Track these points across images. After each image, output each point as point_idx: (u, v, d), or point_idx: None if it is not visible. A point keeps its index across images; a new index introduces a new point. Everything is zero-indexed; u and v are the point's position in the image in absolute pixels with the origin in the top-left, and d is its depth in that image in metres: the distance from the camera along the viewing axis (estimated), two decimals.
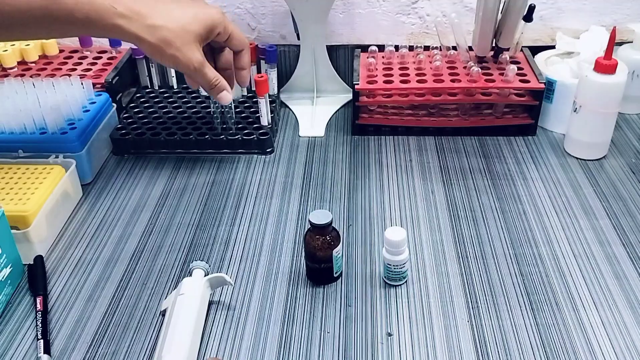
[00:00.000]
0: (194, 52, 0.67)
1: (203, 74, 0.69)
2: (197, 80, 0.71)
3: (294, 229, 0.74)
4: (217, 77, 0.71)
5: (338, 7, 1.00)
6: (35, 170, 0.76)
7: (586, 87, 0.82)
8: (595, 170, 0.83)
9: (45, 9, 0.59)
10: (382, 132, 0.93)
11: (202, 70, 0.69)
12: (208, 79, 0.70)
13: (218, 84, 0.72)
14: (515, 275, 0.66)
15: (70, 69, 0.98)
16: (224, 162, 0.88)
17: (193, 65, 0.68)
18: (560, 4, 0.99)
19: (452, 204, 0.78)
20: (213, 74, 0.71)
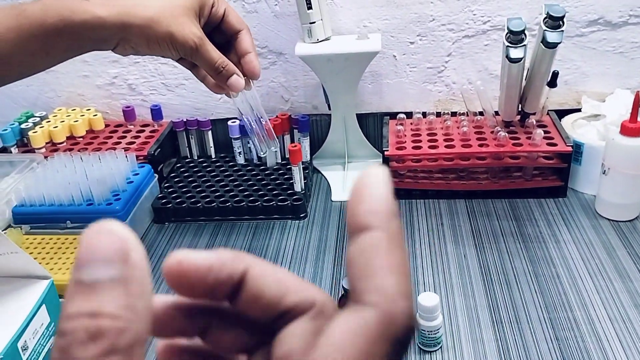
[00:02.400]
0: (190, 26, 0.59)
1: (205, 51, 0.61)
2: (200, 61, 0.62)
3: (329, 292, 0.76)
4: (222, 57, 0.62)
5: (367, 78, 1.05)
6: None
7: (613, 150, 0.83)
8: (627, 232, 0.83)
9: (16, 29, 0.55)
10: (413, 196, 0.95)
11: (203, 46, 0.60)
12: (212, 58, 0.61)
13: (226, 66, 0.63)
14: (551, 340, 0.66)
15: (115, 142, 1.04)
16: (259, 227, 0.91)
17: (193, 40, 0.59)
18: (584, 68, 1.02)
19: (484, 267, 0.78)
20: (217, 54, 0.62)
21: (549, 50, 0.84)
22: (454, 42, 1.02)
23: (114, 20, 0.57)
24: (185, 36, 0.59)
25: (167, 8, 0.58)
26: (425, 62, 1.04)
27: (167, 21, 0.58)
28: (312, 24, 0.93)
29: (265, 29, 1.03)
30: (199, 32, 0.60)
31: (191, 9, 0.60)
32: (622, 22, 0.98)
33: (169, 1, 0.59)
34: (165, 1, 0.59)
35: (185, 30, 0.59)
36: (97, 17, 0.56)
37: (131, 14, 0.57)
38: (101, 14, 0.56)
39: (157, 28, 0.57)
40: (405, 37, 1.02)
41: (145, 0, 0.58)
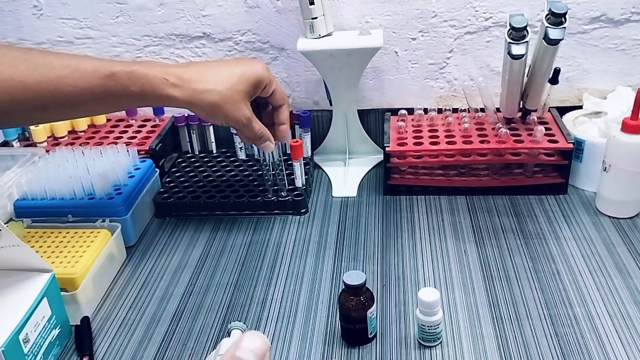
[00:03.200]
0: (243, 109, 0.72)
1: (251, 128, 0.75)
2: (245, 133, 0.76)
3: (329, 288, 0.76)
4: (262, 128, 0.77)
5: (368, 74, 1.05)
6: (83, 234, 0.80)
7: (614, 147, 0.83)
8: (628, 229, 0.83)
9: (102, 87, 0.65)
10: (414, 192, 0.95)
11: (249, 125, 0.74)
12: (255, 132, 0.76)
13: (263, 135, 0.77)
14: (551, 336, 0.66)
15: (117, 136, 1.04)
16: (260, 222, 0.91)
17: (242, 121, 0.73)
18: (586, 65, 1.02)
19: (485, 263, 0.78)
20: (259, 127, 0.76)
21: (551, 47, 0.84)
22: (455, 39, 1.02)
23: (184, 101, 0.69)
24: (237, 119, 0.73)
25: (229, 94, 0.70)
26: (427, 58, 1.04)
27: (226, 107, 0.71)
28: (314, 20, 0.93)
29: (267, 25, 1.03)
30: (249, 113, 0.73)
31: (247, 93, 0.72)
32: (624, 20, 0.98)
33: (232, 85, 0.71)
34: (230, 83, 0.71)
35: (238, 113, 0.72)
36: (171, 97, 0.68)
37: (199, 99, 0.69)
38: (175, 94, 0.68)
39: (217, 112, 0.71)
40: (407, 33, 1.02)
41: (212, 85, 0.70)
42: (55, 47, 1.09)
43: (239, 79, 0.72)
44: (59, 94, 0.64)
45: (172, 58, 1.08)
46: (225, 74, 0.71)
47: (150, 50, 1.08)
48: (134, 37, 1.07)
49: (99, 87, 0.65)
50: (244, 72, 0.72)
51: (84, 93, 0.65)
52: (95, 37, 1.07)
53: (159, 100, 0.68)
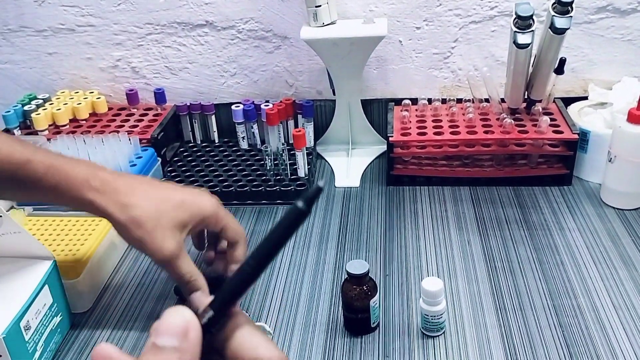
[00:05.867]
0: (167, 239, 0.59)
1: (173, 267, 0.60)
2: (169, 272, 0.61)
3: (331, 278, 0.76)
4: (191, 272, 0.61)
5: (372, 64, 1.04)
6: (85, 222, 0.80)
7: (620, 137, 0.83)
8: (633, 220, 0.83)
9: (12, 173, 0.58)
10: (417, 183, 0.95)
11: (172, 262, 0.59)
12: (179, 273, 0.60)
13: (191, 281, 0.61)
14: (555, 326, 0.66)
15: (119, 125, 1.03)
16: (262, 212, 0.90)
17: (162, 253, 0.59)
18: (591, 56, 1.01)
19: (488, 254, 0.78)
20: (187, 268, 0.60)
21: (557, 37, 0.83)
22: (460, 28, 1.01)
23: (100, 209, 0.59)
24: (156, 248, 0.58)
25: (154, 216, 0.59)
26: (431, 47, 1.03)
27: (146, 228, 0.58)
28: (317, 8, 0.92)
29: (270, 12, 1.02)
30: (174, 247, 0.59)
31: (181, 223, 0.60)
32: (631, 9, 0.97)
33: (162, 208, 0.59)
34: (160, 205, 0.60)
35: (158, 241, 0.58)
36: (87, 201, 0.59)
37: (118, 212, 0.59)
38: (92, 198, 0.59)
39: (133, 231, 0.58)
40: (412, 22, 1.01)
41: (138, 200, 0.59)
42: (57, 34, 1.08)
43: (174, 205, 0.60)
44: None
45: (174, 46, 1.07)
46: (159, 194, 0.61)
47: (152, 39, 1.07)
48: (135, 25, 1.06)
49: (7, 173, 0.58)
50: (184, 200, 0.61)
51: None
52: (97, 24, 1.07)
53: (73, 202, 0.59)
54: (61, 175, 0.59)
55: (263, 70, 1.07)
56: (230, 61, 1.08)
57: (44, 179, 0.58)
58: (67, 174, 0.59)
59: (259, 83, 1.09)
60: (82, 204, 0.59)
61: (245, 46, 1.06)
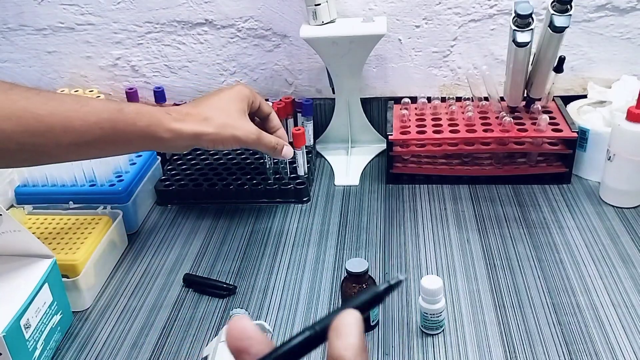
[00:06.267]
0: (247, 124, 0.74)
1: (265, 141, 0.76)
2: (261, 148, 0.77)
3: (331, 276, 0.76)
4: (276, 139, 0.78)
5: (371, 62, 1.04)
6: (85, 221, 0.80)
7: (619, 136, 0.83)
8: (632, 218, 0.83)
9: (111, 122, 0.65)
10: (416, 181, 0.95)
11: (262, 138, 0.75)
12: (270, 143, 0.77)
13: (279, 142, 0.79)
14: (554, 324, 0.66)
15: None
16: (262, 211, 0.91)
17: (254, 135, 0.74)
18: (591, 54, 1.01)
19: (487, 252, 0.78)
20: (272, 138, 0.78)
21: (556, 35, 0.83)
22: (460, 26, 1.01)
23: (189, 131, 0.69)
24: (247, 134, 0.73)
25: (229, 114, 0.73)
26: (431, 46, 1.03)
27: (232, 125, 0.72)
28: (317, 6, 0.92)
29: (270, 11, 1.02)
30: (255, 129, 0.75)
31: (244, 111, 0.75)
32: (630, 8, 0.97)
33: (228, 107, 0.73)
34: (225, 106, 0.73)
35: (245, 128, 0.73)
36: (177, 129, 0.68)
37: (205, 129, 0.70)
38: (181, 127, 0.68)
39: (224, 134, 0.71)
40: (411, 20, 1.01)
41: (211, 113, 0.71)
42: (56, 33, 1.08)
43: (231, 100, 0.74)
44: (70, 127, 0.63)
45: (174, 45, 1.07)
46: (217, 101, 0.73)
47: (151, 37, 1.07)
48: (135, 23, 1.06)
49: (107, 122, 0.64)
50: (232, 94, 0.75)
51: (93, 128, 0.64)
52: (96, 23, 1.07)
53: (166, 133, 0.68)
54: (149, 114, 0.67)
55: (262, 68, 1.08)
56: (230, 60, 1.08)
57: (137, 121, 0.66)
58: (152, 112, 0.67)
59: (258, 82, 1.09)
60: (173, 135, 0.68)
61: (245, 45, 1.06)
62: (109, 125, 0.65)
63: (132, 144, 0.68)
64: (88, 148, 0.65)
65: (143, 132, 0.66)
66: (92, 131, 0.64)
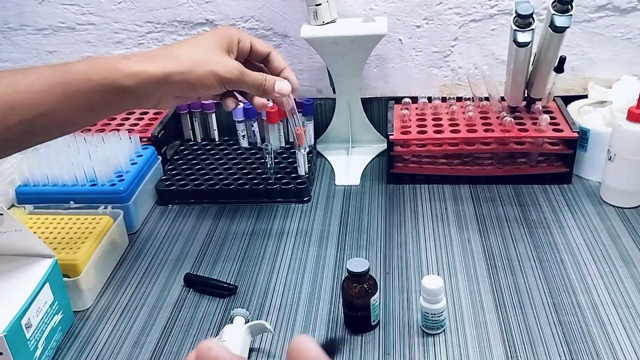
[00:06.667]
0: (228, 60, 0.65)
1: (248, 76, 0.66)
2: (246, 87, 0.67)
3: (332, 276, 0.76)
4: (262, 74, 0.68)
5: (372, 62, 1.04)
6: (85, 221, 0.80)
7: (620, 136, 0.83)
8: (633, 218, 0.83)
9: (62, 84, 0.56)
10: (417, 181, 0.95)
11: (245, 73, 0.65)
12: (256, 80, 0.67)
13: (267, 77, 0.68)
14: (554, 324, 0.66)
15: (119, 123, 1.03)
16: (262, 211, 0.91)
17: (236, 69, 0.64)
18: (591, 54, 1.01)
19: (488, 252, 0.78)
20: (258, 74, 0.67)
21: (557, 35, 0.83)
22: (460, 26, 1.01)
23: (155, 71, 0.59)
24: (227, 69, 0.63)
25: (203, 51, 0.63)
26: (431, 46, 1.03)
27: (206, 62, 0.62)
28: (318, 6, 0.92)
29: (271, 11, 1.02)
30: (237, 63, 0.65)
31: (222, 47, 0.65)
32: (631, 8, 0.97)
33: (203, 46, 0.64)
34: (199, 47, 0.64)
35: (225, 64, 0.64)
36: (140, 71, 0.59)
37: (171, 63, 0.61)
38: (143, 67, 0.59)
39: (199, 69, 0.62)
40: (412, 20, 1.01)
41: (181, 50, 0.63)
42: (57, 33, 1.08)
43: (210, 38, 0.65)
44: (16, 103, 0.55)
45: None
46: (193, 40, 0.65)
47: (152, 37, 1.07)
48: (136, 23, 1.06)
49: (58, 87, 0.56)
50: (213, 32, 0.66)
51: (43, 97, 0.56)
52: (97, 23, 1.07)
53: (127, 81, 0.58)
54: (103, 64, 0.58)
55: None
56: None
57: (92, 75, 0.57)
58: (107, 61, 0.58)
59: None
60: (138, 79, 0.59)
61: None
62: (60, 89, 0.56)
63: (94, 105, 0.58)
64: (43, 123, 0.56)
65: (101, 85, 0.57)
66: (42, 101, 0.55)
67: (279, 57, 0.71)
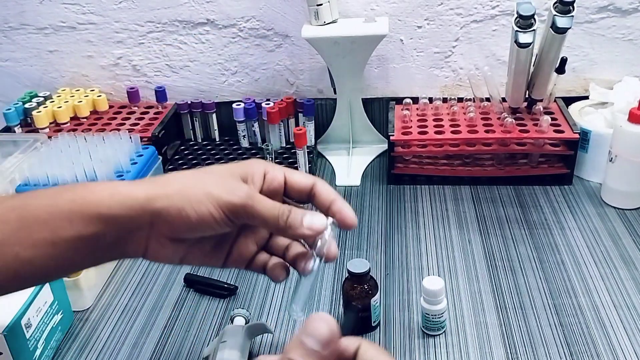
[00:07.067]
0: (233, 183, 0.48)
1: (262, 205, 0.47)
2: (255, 216, 0.47)
3: (332, 277, 0.76)
4: (281, 204, 0.48)
5: (373, 62, 1.04)
6: None
7: (621, 137, 0.83)
8: (634, 220, 0.83)
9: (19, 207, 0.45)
10: (418, 182, 0.95)
11: (256, 199, 0.47)
12: (272, 208, 0.48)
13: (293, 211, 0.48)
14: (555, 326, 0.66)
15: (119, 123, 1.03)
16: None
17: (241, 191, 0.47)
18: (592, 55, 1.01)
19: (489, 253, 0.78)
20: (274, 202, 0.48)
21: (558, 36, 0.83)
22: (461, 27, 1.01)
23: (136, 192, 0.45)
24: (228, 190, 0.47)
25: (204, 174, 0.49)
26: (433, 46, 1.03)
27: (204, 183, 0.47)
28: (319, 6, 0.92)
29: (272, 11, 1.02)
30: (245, 186, 0.48)
31: (235, 174, 0.49)
32: (632, 9, 0.97)
33: (206, 172, 0.49)
34: (202, 172, 0.49)
35: (227, 186, 0.47)
36: (117, 192, 0.45)
37: (158, 186, 0.47)
38: (121, 189, 0.46)
39: (192, 190, 0.46)
40: (413, 20, 1.01)
41: (177, 175, 0.49)
42: (58, 32, 1.08)
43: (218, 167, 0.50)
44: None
45: (175, 44, 1.07)
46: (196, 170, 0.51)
47: (153, 37, 1.07)
48: (137, 23, 1.06)
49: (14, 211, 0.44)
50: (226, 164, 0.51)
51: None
52: (98, 22, 1.07)
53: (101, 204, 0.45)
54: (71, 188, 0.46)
55: (264, 68, 1.07)
56: (232, 59, 1.08)
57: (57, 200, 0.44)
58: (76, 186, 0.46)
59: (260, 81, 1.09)
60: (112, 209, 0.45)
61: (247, 44, 1.06)
62: (16, 215, 0.44)
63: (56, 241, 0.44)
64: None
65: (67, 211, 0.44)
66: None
67: (326, 188, 0.51)
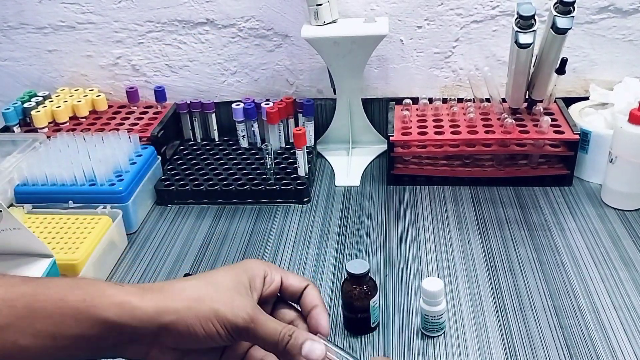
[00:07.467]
0: (239, 299, 0.47)
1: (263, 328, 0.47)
2: (256, 338, 0.47)
3: (331, 278, 0.75)
4: (285, 325, 0.48)
5: (373, 63, 1.04)
6: (84, 221, 0.80)
7: (621, 138, 0.82)
8: (634, 221, 0.83)
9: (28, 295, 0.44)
10: (417, 182, 0.94)
11: (258, 318, 0.47)
12: (270, 329, 0.47)
13: (292, 333, 0.47)
14: (555, 327, 0.66)
15: (119, 123, 1.03)
16: (262, 211, 0.90)
17: (244, 312, 0.46)
18: (593, 56, 1.01)
19: (489, 254, 0.78)
20: (277, 323, 0.48)
21: (559, 37, 0.82)
22: (461, 27, 1.01)
23: (145, 306, 0.45)
24: (234, 310, 0.46)
25: (212, 287, 0.48)
26: (433, 47, 1.03)
27: (211, 298, 0.47)
28: (318, 6, 0.92)
29: (271, 11, 1.02)
30: (251, 304, 0.48)
31: (240, 283, 0.49)
32: (633, 10, 0.97)
33: (215, 281, 0.49)
34: (209, 282, 0.48)
35: (234, 303, 0.47)
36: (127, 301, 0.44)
37: (168, 298, 0.46)
38: (131, 298, 0.45)
39: (200, 307, 0.46)
40: (413, 21, 1.01)
41: (186, 284, 0.48)
42: (57, 32, 1.08)
43: (225, 273, 0.49)
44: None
45: (175, 44, 1.07)
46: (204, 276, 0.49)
47: (152, 36, 1.07)
48: (136, 22, 1.06)
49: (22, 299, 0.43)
50: (230, 268, 0.51)
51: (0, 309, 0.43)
52: (97, 22, 1.06)
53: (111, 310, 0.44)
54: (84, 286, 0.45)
55: (264, 68, 1.07)
56: (231, 59, 1.07)
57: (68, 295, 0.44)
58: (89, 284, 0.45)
59: (259, 81, 1.09)
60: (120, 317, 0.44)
61: (246, 44, 1.06)
62: (23, 303, 0.43)
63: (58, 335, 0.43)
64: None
65: (75, 309, 0.43)
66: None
67: (314, 293, 0.52)
